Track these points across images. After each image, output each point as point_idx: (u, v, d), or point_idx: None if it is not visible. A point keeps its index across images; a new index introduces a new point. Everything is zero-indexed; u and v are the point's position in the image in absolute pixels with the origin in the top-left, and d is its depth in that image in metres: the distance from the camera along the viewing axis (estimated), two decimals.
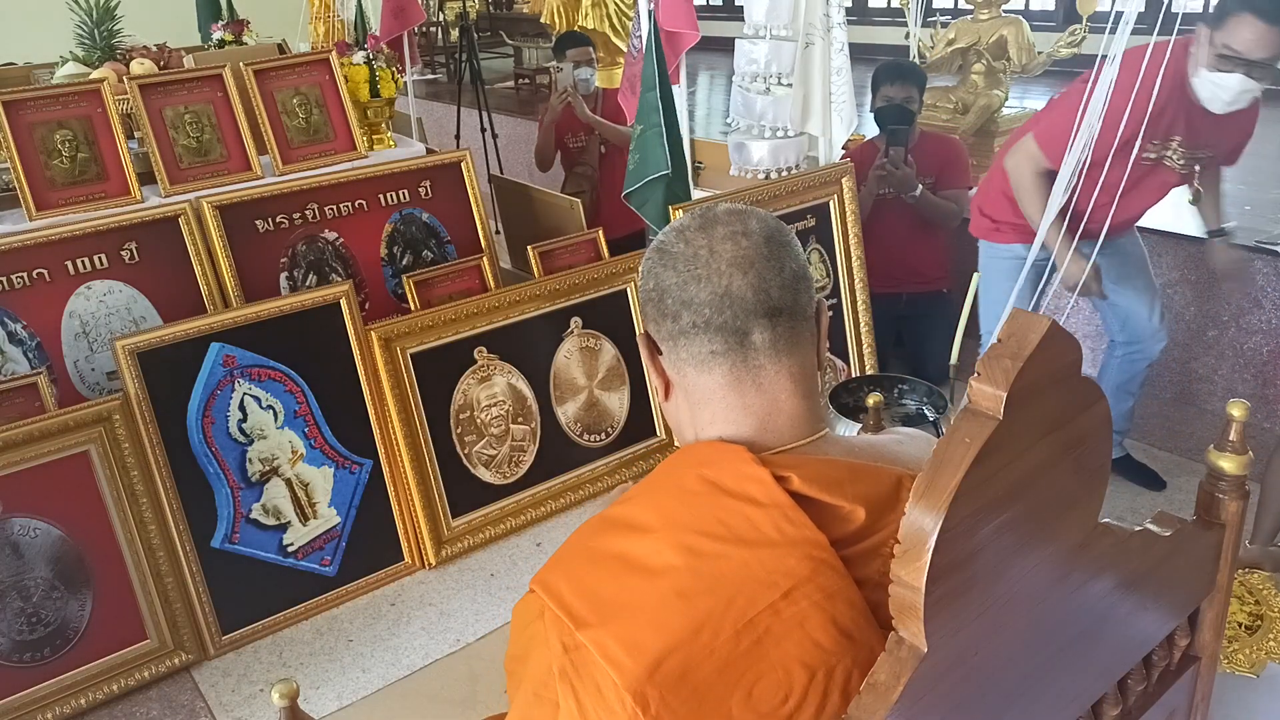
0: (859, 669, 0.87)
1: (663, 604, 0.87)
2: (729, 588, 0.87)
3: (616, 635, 0.86)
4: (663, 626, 0.86)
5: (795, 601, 0.87)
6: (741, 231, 0.97)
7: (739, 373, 0.96)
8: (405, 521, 2.59)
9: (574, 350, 2.84)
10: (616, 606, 0.88)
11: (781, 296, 0.96)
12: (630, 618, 0.87)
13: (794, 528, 0.89)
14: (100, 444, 2.19)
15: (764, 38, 3.57)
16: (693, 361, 0.97)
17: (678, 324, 0.97)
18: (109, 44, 3.34)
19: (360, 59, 3.26)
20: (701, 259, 0.96)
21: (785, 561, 0.88)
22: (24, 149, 2.64)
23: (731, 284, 0.95)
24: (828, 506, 0.91)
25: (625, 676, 0.84)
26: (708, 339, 0.96)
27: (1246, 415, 1.07)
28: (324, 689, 2.21)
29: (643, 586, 0.89)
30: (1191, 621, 1.12)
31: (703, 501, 0.92)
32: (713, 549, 0.89)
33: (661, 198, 3.15)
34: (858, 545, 0.91)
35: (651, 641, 0.85)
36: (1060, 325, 0.76)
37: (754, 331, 0.95)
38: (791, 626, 0.87)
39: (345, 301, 2.48)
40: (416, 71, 6.24)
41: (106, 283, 2.58)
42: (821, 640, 0.87)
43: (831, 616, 0.87)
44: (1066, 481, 0.84)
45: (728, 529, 0.89)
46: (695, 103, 6.51)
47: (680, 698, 0.84)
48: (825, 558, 0.88)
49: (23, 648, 2.13)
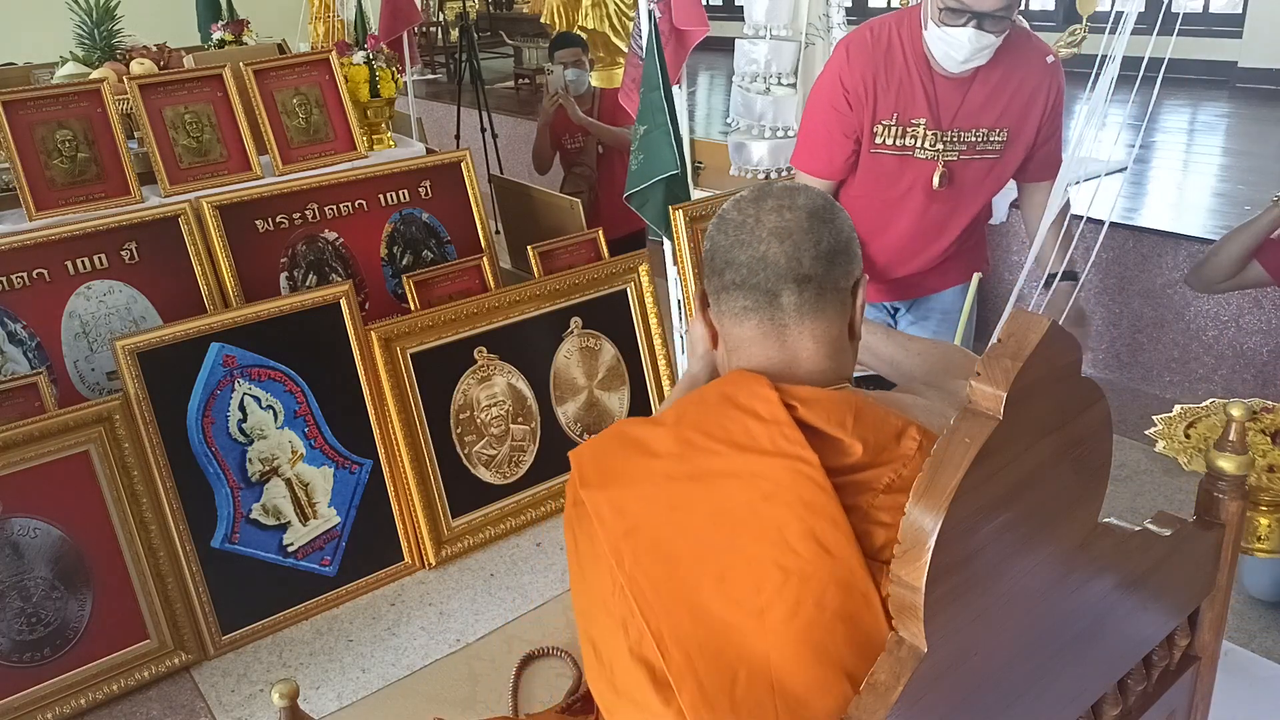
0: (836, 586, 0.94)
1: (650, 480, 1.02)
2: (711, 479, 1.00)
3: (608, 498, 1.02)
4: (646, 499, 1.01)
5: (775, 505, 0.97)
6: (788, 205, 1.12)
7: (765, 328, 1.10)
8: (405, 521, 2.59)
9: (574, 350, 2.85)
10: (615, 475, 1.03)
11: (813, 266, 1.09)
12: (623, 486, 1.02)
13: (788, 443, 0.99)
14: (100, 444, 2.19)
15: (764, 38, 3.58)
16: (729, 314, 1.13)
17: (721, 280, 1.13)
18: (109, 44, 3.34)
19: (360, 59, 3.26)
20: (748, 226, 1.11)
21: (772, 469, 0.98)
22: (24, 149, 2.64)
23: (769, 250, 1.09)
24: (828, 438, 1.00)
25: (607, 532, 1.00)
26: (743, 295, 1.11)
27: (1247, 415, 1.07)
28: (324, 689, 2.21)
29: (641, 464, 1.04)
30: (1191, 621, 1.12)
31: (713, 409, 1.05)
32: (707, 445, 1.02)
33: (661, 198, 3.16)
34: (851, 476, 0.99)
35: (634, 508, 1.00)
36: (1060, 325, 0.76)
37: (783, 294, 1.09)
38: (769, 528, 0.96)
39: (345, 301, 2.48)
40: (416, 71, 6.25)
41: (106, 283, 2.59)
42: (798, 548, 0.95)
43: (811, 528, 0.96)
44: (1066, 481, 0.84)
45: (726, 433, 1.02)
46: (695, 103, 6.51)
47: (652, 560, 0.98)
48: (812, 474, 0.97)
49: (23, 648, 2.13)
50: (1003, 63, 1.97)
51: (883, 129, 2.08)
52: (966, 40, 1.91)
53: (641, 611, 0.96)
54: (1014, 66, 2.00)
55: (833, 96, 2.10)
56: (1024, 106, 2.04)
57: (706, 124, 5.87)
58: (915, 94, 2.03)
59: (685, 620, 0.95)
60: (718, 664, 0.95)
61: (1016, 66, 2.00)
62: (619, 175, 3.96)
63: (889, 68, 2.03)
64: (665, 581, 0.96)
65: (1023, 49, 1.98)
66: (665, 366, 3.00)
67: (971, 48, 1.92)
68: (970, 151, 2.07)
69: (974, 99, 2.03)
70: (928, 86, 2.02)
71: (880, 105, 2.06)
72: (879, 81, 2.05)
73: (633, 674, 0.98)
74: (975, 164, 2.09)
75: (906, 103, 2.05)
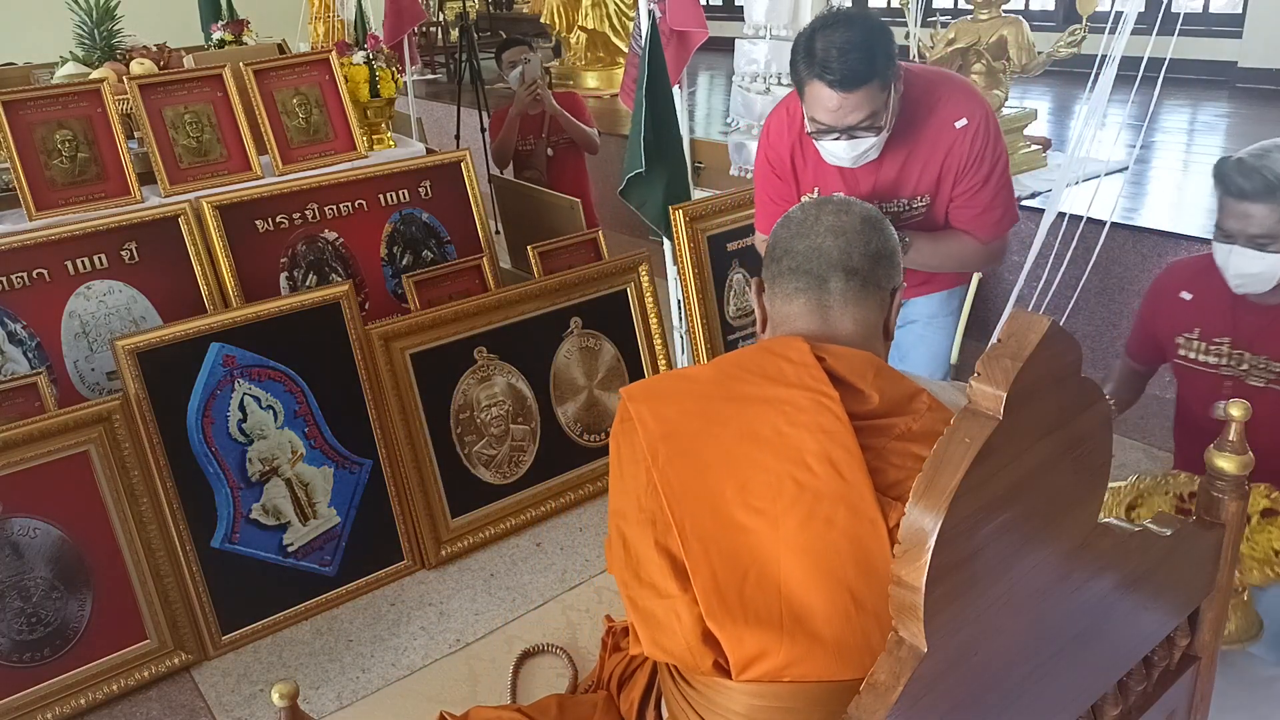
0: (846, 508, 1.05)
1: (690, 397, 1.17)
2: (742, 401, 1.13)
3: (651, 408, 1.16)
4: (684, 411, 1.15)
5: (798, 428, 1.09)
6: (845, 210, 1.28)
7: (812, 307, 1.24)
8: (405, 521, 2.59)
9: (574, 350, 2.84)
10: (660, 392, 1.20)
11: (861, 262, 1.23)
12: (664, 401, 1.17)
13: (813, 380, 1.12)
14: (100, 444, 2.19)
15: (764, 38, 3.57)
16: (783, 294, 1.26)
17: (779, 266, 1.27)
18: (109, 44, 3.34)
19: (360, 59, 3.26)
20: (808, 223, 1.27)
21: (796, 397, 1.11)
22: (24, 149, 2.64)
23: (824, 243, 1.24)
24: (850, 386, 1.12)
25: (647, 433, 1.13)
26: (796, 279, 1.25)
27: (1247, 415, 1.07)
28: (324, 689, 2.21)
29: (682, 385, 1.21)
30: (1191, 621, 1.12)
31: (751, 353, 1.21)
32: (741, 375, 1.17)
33: (661, 198, 3.15)
34: (868, 421, 1.10)
35: (673, 416, 1.15)
36: (1060, 325, 0.76)
37: (831, 280, 1.23)
38: (790, 446, 1.09)
39: (345, 301, 2.48)
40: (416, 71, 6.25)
41: (106, 283, 2.59)
42: (815, 467, 1.07)
43: (826, 451, 1.07)
44: (1066, 481, 0.84)
45: (759, 367, 1.17)
46: (695, 103, 6.50)
47: (685, 461, 1.11)
48: (832, 407, 1.09)
49: (23, 648, 2.13)
50: (909, 138, 1.94)
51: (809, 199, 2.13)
52: (843, 150, 1.91)
53: (669, 505, 1.08)
54: (920, 139, 1.96)
55: (764, 172, 2.20)
56: (938, 173, 2.02)
57: (706, 124, 5.86)
58: (830, 172, 2.06)
59: (707, 517, 1.08)
60: (732, 561, 1.07)
61: (923, 140, 1.96)
62: (568, 178, 3.97)
63: (804, 149, 2.08)
64: (693, 481, 1.09)
65: (930, 119, 1.93)
66: (665, 366, 3.00)
67: (851, 154, 1.91)
68: (895, 220, 2.07)
69: (886, 175, 2.03)
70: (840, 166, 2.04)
71: (802, 180, 2.16)
72: (797, 161, 2.12)
73: (656, 563, 1.10)
74: (903, 226, 2.10)
75: (824, 178, 2.08)
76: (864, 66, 1.78)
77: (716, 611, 1.06)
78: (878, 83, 1.81)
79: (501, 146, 3.96)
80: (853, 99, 1.82)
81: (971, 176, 2.01)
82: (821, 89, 1.82)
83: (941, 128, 1.97)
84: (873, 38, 1.80)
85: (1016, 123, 4.11)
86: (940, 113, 1.96)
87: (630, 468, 1.16)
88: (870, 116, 1.85)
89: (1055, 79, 5.89)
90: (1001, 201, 2.08)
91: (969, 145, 1.98)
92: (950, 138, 1.98)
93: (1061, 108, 5.74)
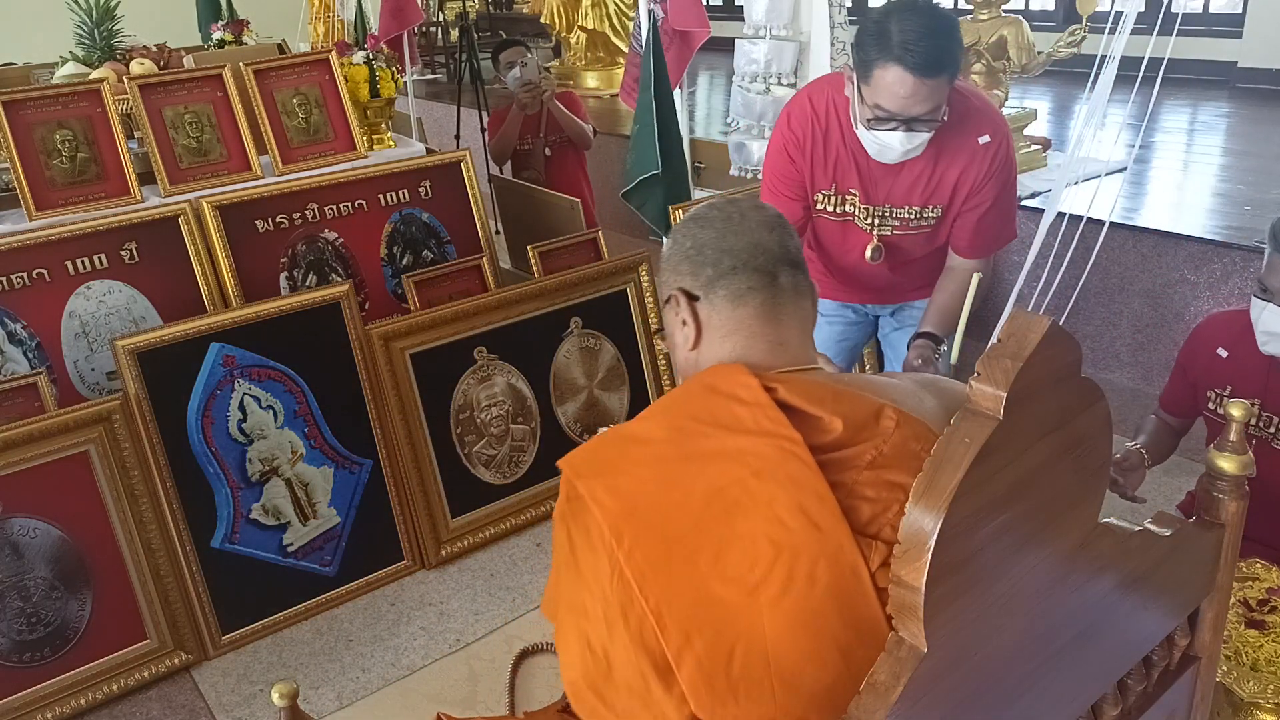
0: (826, 560, 0.96)
1: (644, 464, 1.05)
2: (703, 459, 1.03)
3: (604, 483, 1.03)
4: (642, 480, 1.03)
5: (765, 481, 0.99)
6: (759, 206, 1.22)
7: (768, 306, 1.15)
8: (405, 521, 2.59)
9: (574, 350, 2.84)
10: (609, 464, 1.06)
11: (797, 255, 1.18)
12: (618, 472, 1.04)
13: (771, 423, 1.02)
14: (100, 444, 2.19)
15: (764, 38, 3.57)
16: (731, 298, 1.15)
17: (718, 269, 1.16)
18: (109, 44, 3.34)
19: (360, 59, 3.26)
20: (734, 220, 1.18)
21: (759, 447, 1.01)
22: (24, 149, 2.64)
23: (761, 238, 1.17)
24: (809, 416, 1.03)
25: (606, 514, 1.00)
26: (745, 277, 1.15)
27: (1247, 415, 1.07)
28: (324, 689, 2.21)
29: (633, 451, 1.07)
30: (1191, 621, 1.12)
31: (697, 397, 1.09)
32: (695, 429, 1.05)
33: (661, 198, 3.16)
34: (833, 453, 1.02)
35: (631, 489, 1.02)
36: (1060, 325, 0.76)
37: (781, 275, 1.16)
38: (760, 503, 0.99)
39: (345, 301, 2.48)
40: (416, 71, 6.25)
41: (106, 283, 2.58)
42: (788, 522, 0.98)
43: (799, 503, 0.98)
44: (1066, 481, 0.84)
45: (712, 416, 1.06)
46: (695, 103, 6.50)
47: (651, 540, 0.99)
48: (797, 451, 1.00)
49: (23, 648, 2.13)
50: (934, 145, 1.94)
51: (823, 197, 2.10)
52: (897, 143, 1.88)
53: (641, 590, 0.97)
54: (943, 150, 1.96)
55: (780, 164, 2.12)
56: (953, 185, 2.01)
57: (706, 124, 5.85)
58: (849, 169, 2.03)
59: (685, 598, 0.97)
60: (716, 641, 0.96)
61: (946, 150, 1.96)
62: (566, 179, 3.97)
63: (826, 142, 2.04)
64: (664, 560, 0.98)
65: (957, 130, 1.93)
66: (665, 366, 3.00)
67: (903, 148, 1.89)
68: (904, 227, 2.07)
69: (904, 180, 2.01)
70: (861, 164, 2.02)
71: (819, 176, 2.08)
72: (816, 155, 2.06)
73: (634, 663, 0.98)
74: (913, 236, 2.09)
75: (842, 175, 2.05)
76: (944, 54, 1.75)
77: (705, 701, 0.96)
78: (949, 75, 1.79)
79: (502, 142, 3.96)
80: (927, 87, 1.78)
81: (981, 193, 2.02)
82: (898, 73, 1.76)
83: (966, 141, 1.98)
84: (952, 26, 1.79)
85: (1016, 123, 4.11)
86: (967, 126, 1.97)
87: (588, 556, 1.03)
88: (934, 110, 1.83)
89: (1055, 79, 5.89)
90: (1001, 224, 2.09)
91: (988, 163, 1.99)
92: (971, 152, 1.98)
93: (1061, 108, 5.74)
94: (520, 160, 4.03)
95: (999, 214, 2.06)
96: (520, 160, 4.03)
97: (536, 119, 3.90)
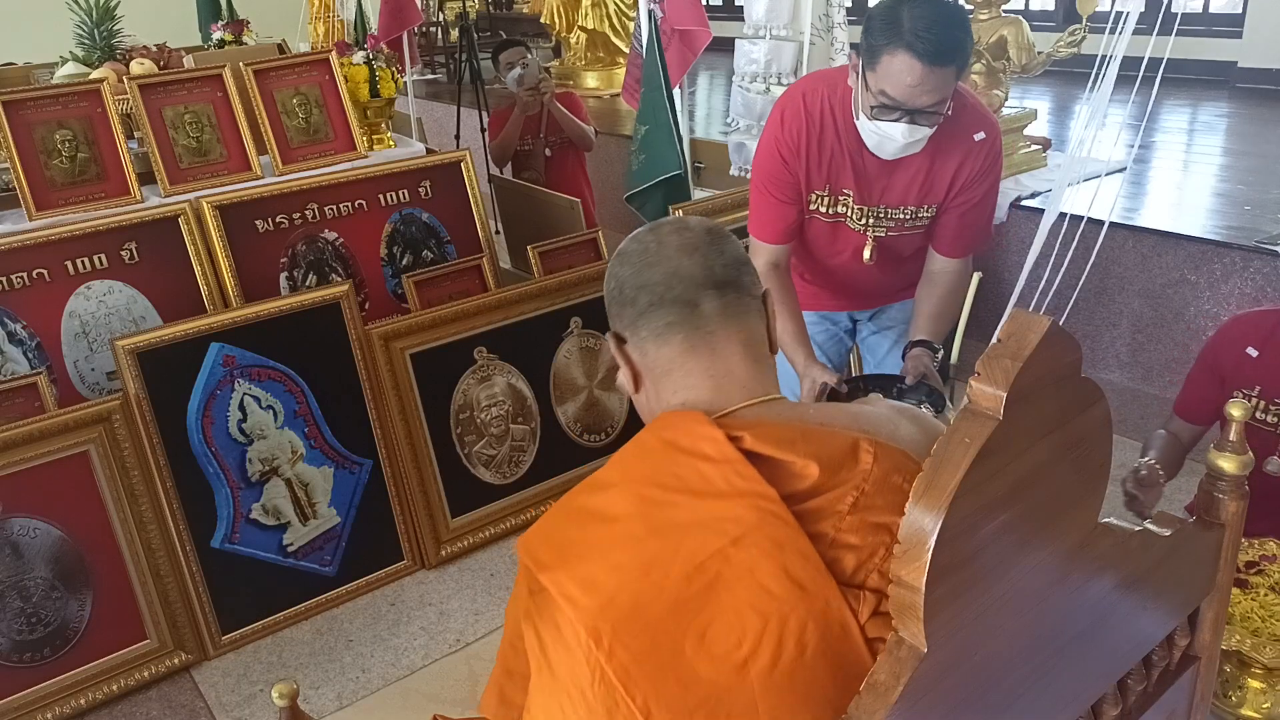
0: (814, 622, 0.91)
1: (616, 547, 0.94)
2: (678, 532, 0.93)
3: (573, 575, 0.93)
4: (615, 567, 0.93)
5: (744, 548, 0.92)
6: (684, 227, 1.10)
7: (693, 339, 1.05)
8: (405, 521, 2.59)
9: (574, 350, 2.84)
10: (575, 551, 0.95)
11: (725, 273, 1.06)
12: (586, 560, 0.94)
13: (744, 481, 0.94)
14: (100, 444, 2.19)
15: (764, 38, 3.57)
16: (652, 337, 1.06)
17: (636, 307, 1.07)
18: (109, 44, 3.34)
19: (360, 59, 3.26)
20: (651, 250, 1.08)
21: (734, 510, 0.93)
22: (24, 149, 2.64)
23: (679, 265, 1.06)
24: (780, 463, 0.95)
25: (580, 612, 0.91)
26: (663, 312, 1.05)
27: (1247, 415, 1.07)
28: (324, 689, 2.21)
29: (600, 532, 0.96)
30: (1191, 621, 1.12)
31: (660, 458, 0.99)
32: (664, 498, 0.96)
33: (661, 198, 3.16)
34: (811, 501, 0.95)
35: (605, 580, 0.92)
36: (1060, 325, 0.76)
37: (703, 302, 1.05)
38: (742, 572, 0.92)
39: (345, 301, 2.48)
40: (416, 71, 6.25)
41: (106, 283, 2.58)
42: (773, 588, 0.91)
43: (782, 565, 0.91)
44: (1066, 481, 0.84)
45: (680, 481, 0.96)
46: (695, 103, 6.50)
47: (632, 633, 0.90)
48: (774, 509, 0.93)
49: (23, 648, 2.13)
50: (932, 142, 1.92)
51: (816, 197, 2.06)
52: (900, 134, 1.84)
53: (626, 689, 0.90)
54: (940, 147, 1.94)
55: (772, 163, 2.06)
56: (948, 183, 2.00)
57: (706, 124, 5.85)
58: (844, 168, 2.00)
59: (673, 688, 0.90)
60: None
61: (942, 148, 1.94)
62: (566, 179, 3.97)
63: (821, 141, 2.00)
64: (649, 653, 0.90)
65: (954, 127, 1.92)
66: None
67: (905, 140, 1.85)
68: (899, 228, 2.05)
69: (900, 180, 1.99)
70: (856, 163, 1.98)
71: (814, 176, 2.04)
72: (810, 154, 2.01)
73: None
74: (907, 237, 2.08)
75: (836, 174, 2.02)
76: (956, 43, 1.72)
77: None
78: (958, 66, 1.77)
79: (503, 144, 3.96)
80: (936, 76, 1.74)
81: (971, 190, 2.00)
82: (906, 60, 1.72)
83: (962, 139, 1.96)
84: (964, 18, 1.77)
85: (1016, 123, 4.10)
86: (963, 122, 1.94)
87: (562, 658, 0.93)
88: (940, 102, 1.80)
89: (1055, 79, 5.89)
90: (986, 220, 2.08)
91: (981, 161, 1.97)
92: (967, 148, 1.96)
93: (1061, 108, 5.74)
94: (520, 161, 4.03)
95: (984, 211, 2.05)
96: (520, 161, 4.03)
97: (537, 119, 3.90)
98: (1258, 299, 3.10)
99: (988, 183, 2.01)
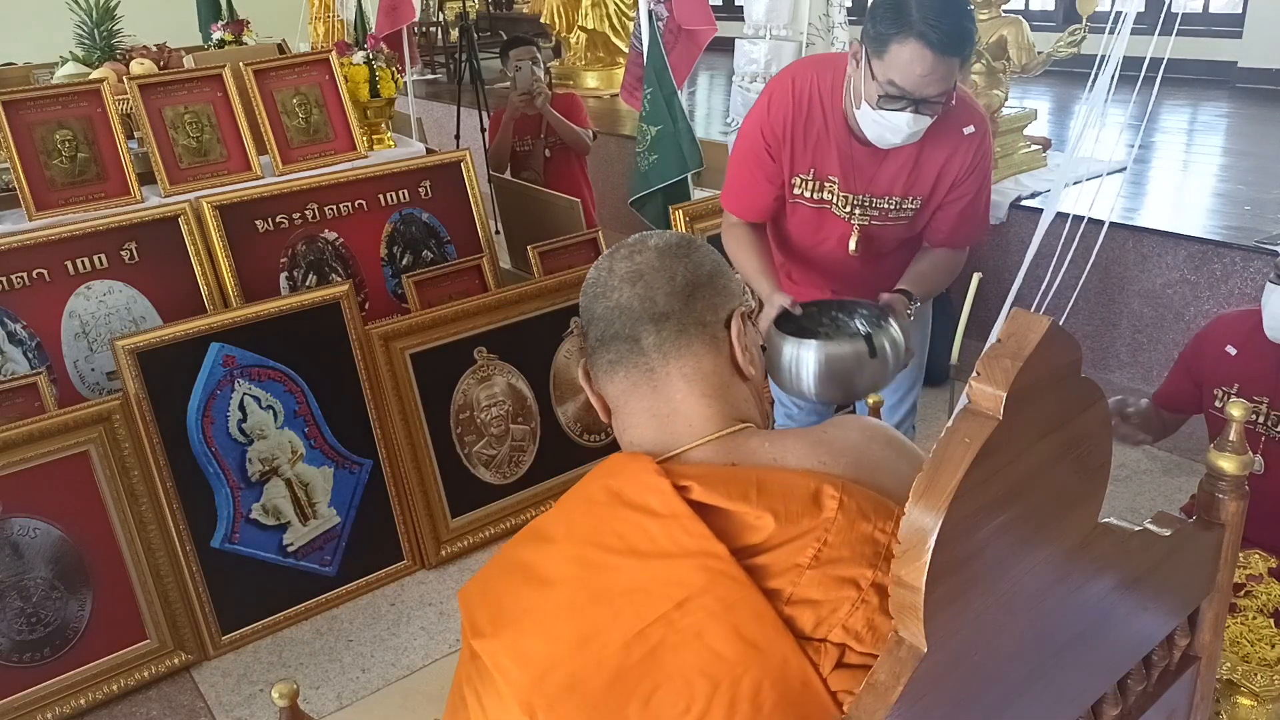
0: (769, 680, 0.86)
1: (552, 616, 0.89)
2: (616, 600, 0.88)
3: (507, 646, 0.89)
4: (551, 638, 0.88)
5: (690, 612, 0.87)
6: (638, 250, 1.04)
7: (634, 376, 1.01)
8: (405, 521, 2.59)
9: (574, 350, 2.85)
10: (511, 617, 0.90)
11: (668, 303, 1.00)
12: (521, 629, 0.89)
13: (690, 538, 0.88)
14: (100, 444, 2.19)
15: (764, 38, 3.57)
16: (603, 374, 1.04)
17: (589, 341, 1.05)
18: (109, 44, 3.34)
19: (360, 59, 3.26)
20: (602, 280, 1.04)
21: (678, 572, 0.88)
22: (24, 149, 2.64)
23: (621, 296, 1.01)
24: (732, 514, 0.90)
25: (513, 686, 0.87)
26: (608, 349, 1.02)
27: (1247, 415, 1.07)
28: (324, 689, 2.21)
29: (536, 598, 0.91)
30: (1191, 621, 1.12)
31: (604, 513, 0.93)
32: (604, 561, 0.90)
33: (661, 199, 3.16)
34: (767, 554, 0.89)
35: (539, 652, 0.88)
36: (1060, 325, 0.76)
37: (642, 337, 1.00)
38: (688, 637, 0.87)
39: (345, 301, 2.48)
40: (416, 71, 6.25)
41: (106, 283, 2.58)
42: (723, 650, 0.86)
43: (733, 626, 0.86)
44: (1066, 481, 0.84)
45: (623, 541, 0.90)
46: (695, 103, 6.50)
47: (568, 708, 0.86)
48: (723, 568, 0.87)
49: (23, 648, 2.13)
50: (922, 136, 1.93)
51: (800, 181, 2.06)
52: (904, 124, 1.83)
53: None
54: (928, 139, 1.94)
55: (754, 144, 2.05)
56: (936, 176, 2.00)
57: (706, 124, 5.85)
58: (829, 154, 2.00)
59: None
60: None
61: (930, 139, 1.94)
62: (565, 180, 3.97)
63: (808, 126, 1.99)
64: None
65: (943, 120, 1.92)
66: None
67: (909, 130, 1.85)
68: (883, 217, 2.04)
69: (887, 169, 1.98)
70: (844, 150, 1.98)
71: (798, 160, 2.03)
72: (796, 138, 2.00)
73: None
74: (890, 228, 2.07)
75: (822, 160, 2.02)
76: (964, 33, 1.73)
77: None
78: (964, 56, 1.77)
79: (497, 151, 3.97)
80: (944, 65, 1.74)
81: (966, 185, 2.00)
82: (917, 49, 1.72)
83: (951, 131, 1.96)
84: (968, 4, 1.77)
85: (1016, 123, 4.11)
86: (952, 116, 1.94)
87: None
88: (945, 92, 1.80)
89: (1055, 79, 5.90)
90: (983, 214, 2.09)
91: (972, 154, 1.97)
92: (955, 142, 1.97)
93: (1061, 108, 5.74)
94: (520, 161, 4.03)
95: (979, 206, 2.06)
96: (520, 161, 4.03)
97: (536, 120, 3.90)
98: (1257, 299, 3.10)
99: (980, 176, 2.01)
